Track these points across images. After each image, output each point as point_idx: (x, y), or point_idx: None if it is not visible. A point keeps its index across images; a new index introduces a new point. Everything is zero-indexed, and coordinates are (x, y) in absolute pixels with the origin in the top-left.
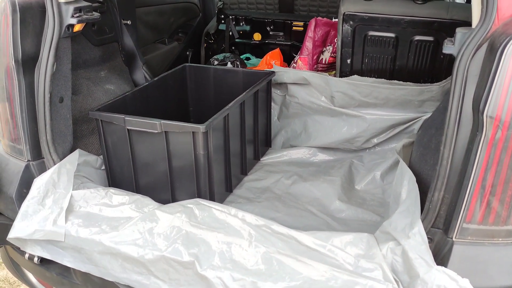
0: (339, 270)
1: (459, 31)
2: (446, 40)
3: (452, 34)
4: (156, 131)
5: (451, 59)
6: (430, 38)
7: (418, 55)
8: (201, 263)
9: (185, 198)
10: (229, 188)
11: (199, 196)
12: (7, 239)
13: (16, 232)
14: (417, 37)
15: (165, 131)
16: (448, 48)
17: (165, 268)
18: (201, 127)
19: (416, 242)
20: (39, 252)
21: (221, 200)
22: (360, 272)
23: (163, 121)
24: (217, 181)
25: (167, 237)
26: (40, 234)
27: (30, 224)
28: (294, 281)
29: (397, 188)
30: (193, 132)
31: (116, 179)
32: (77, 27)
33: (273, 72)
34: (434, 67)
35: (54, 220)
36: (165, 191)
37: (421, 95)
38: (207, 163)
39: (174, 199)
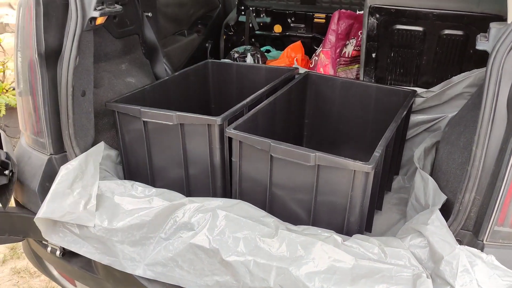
0: (364, 258)
1: (494, 27)
2: (479, 36)
3: (482, 28)
4: (171, 123)
5: (481, 54)
6: (460, 32)
7: (446, 50)
8: (225, 251)
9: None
10: None
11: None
12: (34, 219)
13: (46, 212)
14: (446, 31)
15: (180, 124)
16: (481, 44)
17: (191, 258)
18: (217, 119)
19: (435, 227)
20: (60, 241)
21: None
22: (385, 259)
23: (178, 113)
24: None
25: (192, 227)
26: (71, 216)
27: (61, 206)
28: (319, 267)
29: (420, 198)
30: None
31: (131, 172)
32: (100, 20)
33: (296, 68)
34: (462, 63)
35: (84, 205)
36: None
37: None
38: (223, 159)
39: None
